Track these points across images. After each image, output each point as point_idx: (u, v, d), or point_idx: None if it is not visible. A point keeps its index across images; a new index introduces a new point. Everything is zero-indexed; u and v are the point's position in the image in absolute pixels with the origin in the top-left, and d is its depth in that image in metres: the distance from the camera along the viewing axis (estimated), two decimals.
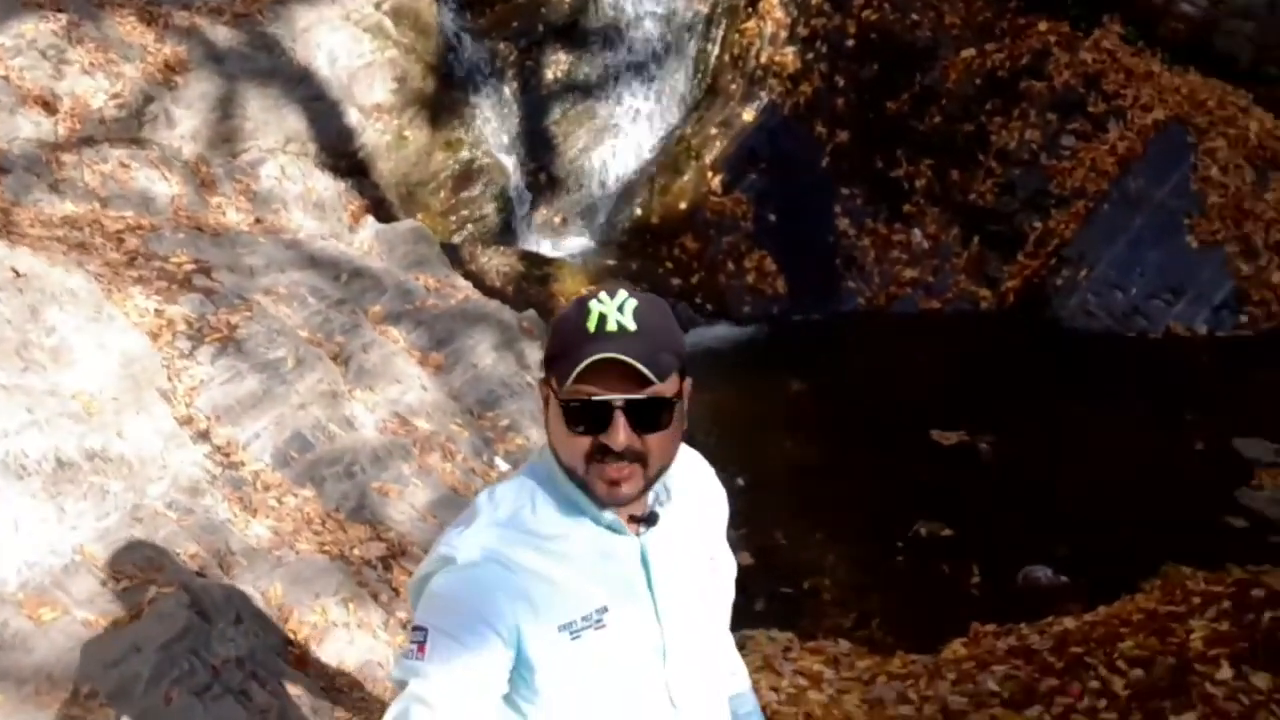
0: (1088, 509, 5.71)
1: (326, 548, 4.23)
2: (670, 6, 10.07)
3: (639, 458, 1.61)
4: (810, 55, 9.71)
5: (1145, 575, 5.01)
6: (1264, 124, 8.60)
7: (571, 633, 1.62)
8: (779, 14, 9.90)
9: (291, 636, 3.55)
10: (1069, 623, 4.62)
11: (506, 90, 9.60)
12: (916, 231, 9.11)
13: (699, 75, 10.09)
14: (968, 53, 9.36)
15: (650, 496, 1.71)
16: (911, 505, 5.68)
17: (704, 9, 10.12)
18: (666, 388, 1.60)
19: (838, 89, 9.58)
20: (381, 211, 7.87)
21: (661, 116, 10.01)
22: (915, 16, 9.51)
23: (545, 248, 9.26)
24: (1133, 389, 7.43)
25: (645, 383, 1.57)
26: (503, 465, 5.38)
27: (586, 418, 1.59)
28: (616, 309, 1.58)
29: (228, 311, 5.13)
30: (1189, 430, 6.63)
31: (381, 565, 4.32)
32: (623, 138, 9.90)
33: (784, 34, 9.87)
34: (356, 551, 4.32)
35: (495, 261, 8.14)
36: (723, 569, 1.83)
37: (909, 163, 9.29)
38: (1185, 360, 7.77)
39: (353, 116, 8.13)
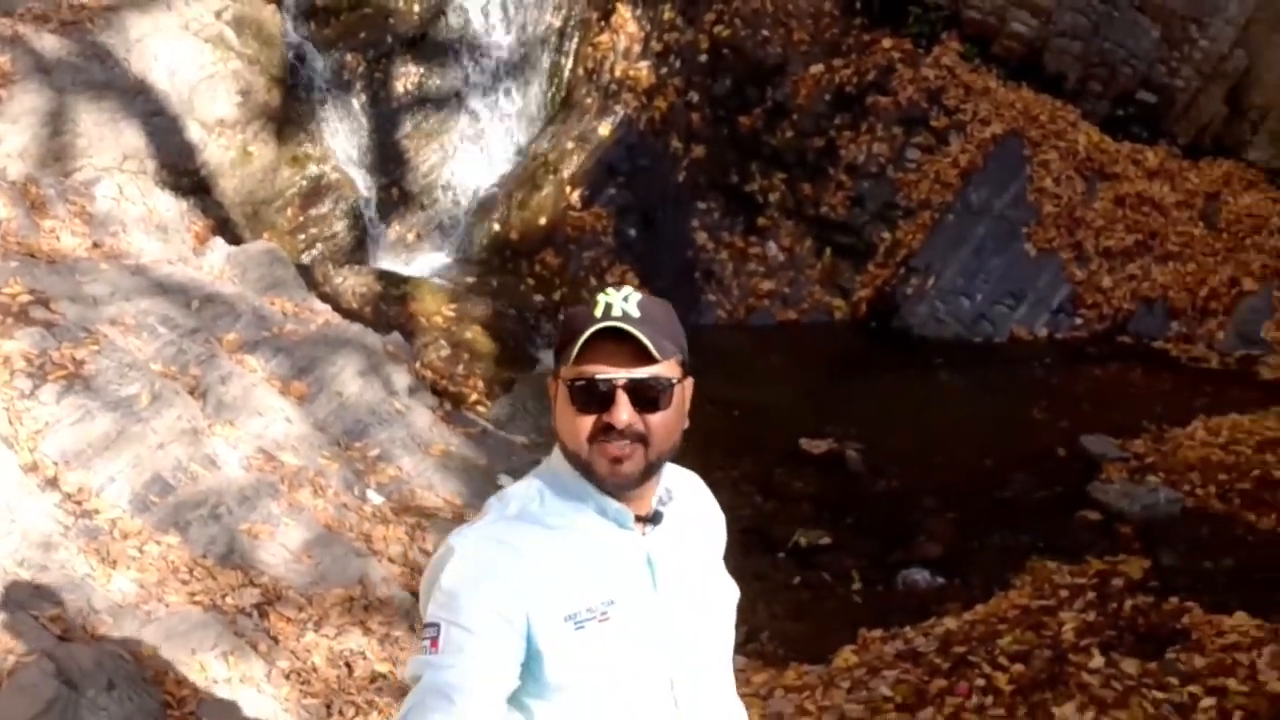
0: (954, 509, 5.91)
1: (197, 598, 3.98)
2: (522, 20, 9.98)
3: (640, 438, 1.67)
4: (664, 70, 9.78)
5: (1015, 572, 5.22)
6: (1091, 138, 9.12)
7: (576, 623, 1.65)
8: (632, 28, 9.93)
9: (170, 699, 3.31)
10: (950, 623, 4.76)
11: (355, 103, 9.31)
12: (772, 244, 9.28)
13: (553, 89, 10.03)
14: (817, 68, 9.61)
15: (654, 498, 1.75)
16: (788, 515, 5.76)
17: (556, 22, 10.07)
18: (666, 369, 1.67)
19: (692, 104, 9.68)
20: (226, 232, 7.50)
21: (516, 130, 9.90)
22: (766, 33, 9.70)
23: (399, 265, 9.01)
24: (983, 391, 7.76)
25: (646, 360, 1.64)
26: (375, 498, 5.20)
27: (590, 396, 1.65)
28: (622, 299, 1.68)
29: (72, 346, 4.77)
30: (1039, 429, 6.95)
31: (258, 613, 4.09)
32: (477, 152, 9.74)
33: (637, 48, 9.90)
34: (230, 600, 4.08)
35: (351, 282, 7.87)
36: (724, 591, 1.85)
37: (763, 176, 9.46)
38: (1029, 362, 8.16)
39: (194, 132, 7.74)
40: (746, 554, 5.42)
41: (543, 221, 9.24)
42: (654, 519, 1.74)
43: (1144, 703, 4.28)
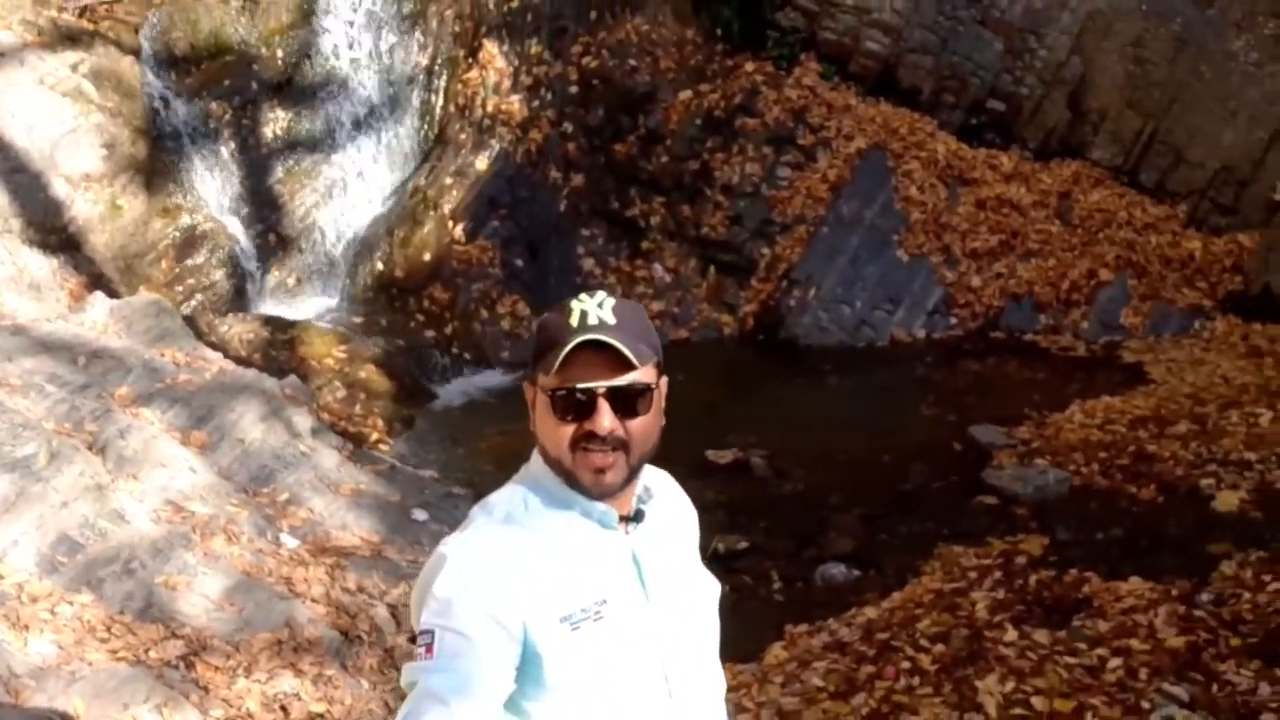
0: (861, 504, 6.12)
1: (120, 655, 3.84)
2: (388, 60, 9.96)
3: (621, 445, 1.70)
4: (536, 103, 9.88)
5: (924, 558, 5.43)
6: (948, 146, 9.59)
7: (571, 624, 1.67)
8: (500, 64, 10.01)
9: None
10: (870, 612, 4.93)
11: (224, 150, 9.13)
12: (658, 266, 9.45)
13: (426, 126, 10.03)
14: (685, 95, 9.86)
15: (634, 497, 1.78)
16: (704, 524, 5.80)
17: (424, 61, 10.09)
18: (645, 375, 1.70)
19: (567, 134, 9.81)
20: (102, 287, 7.28)
21: (392, 169, 9.85)
22: (633, 62, 9.91)
23: (283, 311, 8.84)
24: (872, 392, 8.04)
25: (625, 368, 1.67)
26: (290, 542, 5.10)
27: (572, 405, 1.67)
28: (596, 305, 1.69)
29: None
30: (929, 423, 7.25)
31: (184, 664, 3.97)
32: (352, 193, 9.66)
33: (507, 83, 9.99)
34: (153, 654, 3.95)
35: (237, 329, 7.70)
36: (706, 584, 1.89)
37: (643, 201, 9.64)
38: (912, 362, 8.50)
39: (60, 188, 7.49)
40: None
41: (427, 257, 9.20)
42: (636, 517, 1.78)
43: (1058, 669, 4.51)
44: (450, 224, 9.36)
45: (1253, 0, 8.96)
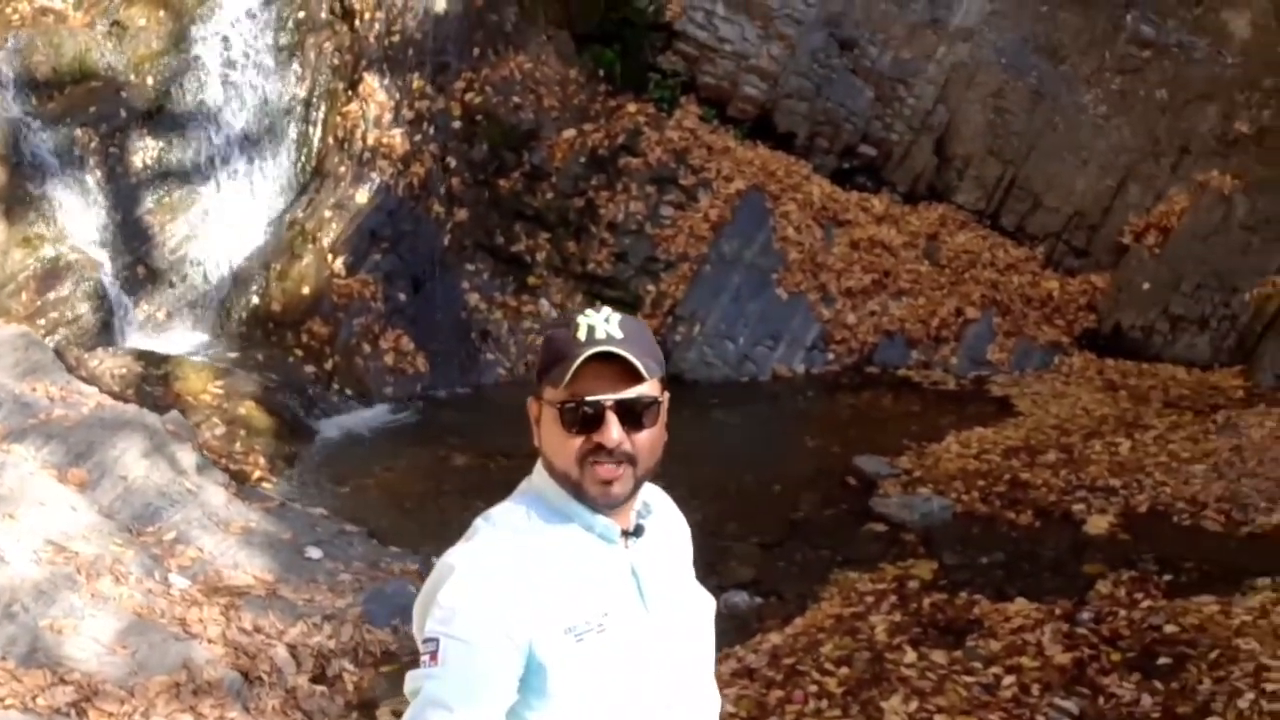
0: (756, 534, 6.22)
1: (7, 703, 3.61)
2: (263, 91, 9.77)
3: (628, 457, 1.72)
4: (418, 137, 9.81)
5: (822, 585, 5.57)
6: (823, 189, 9.93)
7: (576, 635, 1.68)
8: (381, 97, 9.91)
9: None
10: (775, 638, 5.02)
11: (90, 179, 8.78)
12: (544, 301, 9.46)
13: (302, 158, 9.83)
14: (569, 133, 9.95)
15: (634, 512, 1.80)
16: None
17: (300, 93, 9.92)
18: (652, 388, 1.74)
19: (450, 169, 9.76)
20: None
21: (267, 202, 9.61)
22: (517, 99, 9.96)
23: (153, 345, 8.49)
24: (759, 426, 8.21)
25: (633, 381, 1.70)
26: (180, 582, 4.89)
27: (580, 418, 1.69)
28: (603, 320, 1.72)
29: None
30: (815, 455, 7.44)
31: (75, 711, 3.76)
32: (226, 225, 9.38)
33: (388, 116, 9.89)
34: (41, 701, 3.73)
35: (108, 364, 7.36)
36: (701, 599, 1.91)
37: (528, 237, 9.65)
38: (794, 396, 8.72)
39: None
40: None
41: (306, 291, 8.98)
42: (636, 532, 1.79)
43: (957, 688, 4.69)
44: (330, 257, 9.17)
45: (1100, 58, 9.61)
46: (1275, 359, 8.82)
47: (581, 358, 1.67)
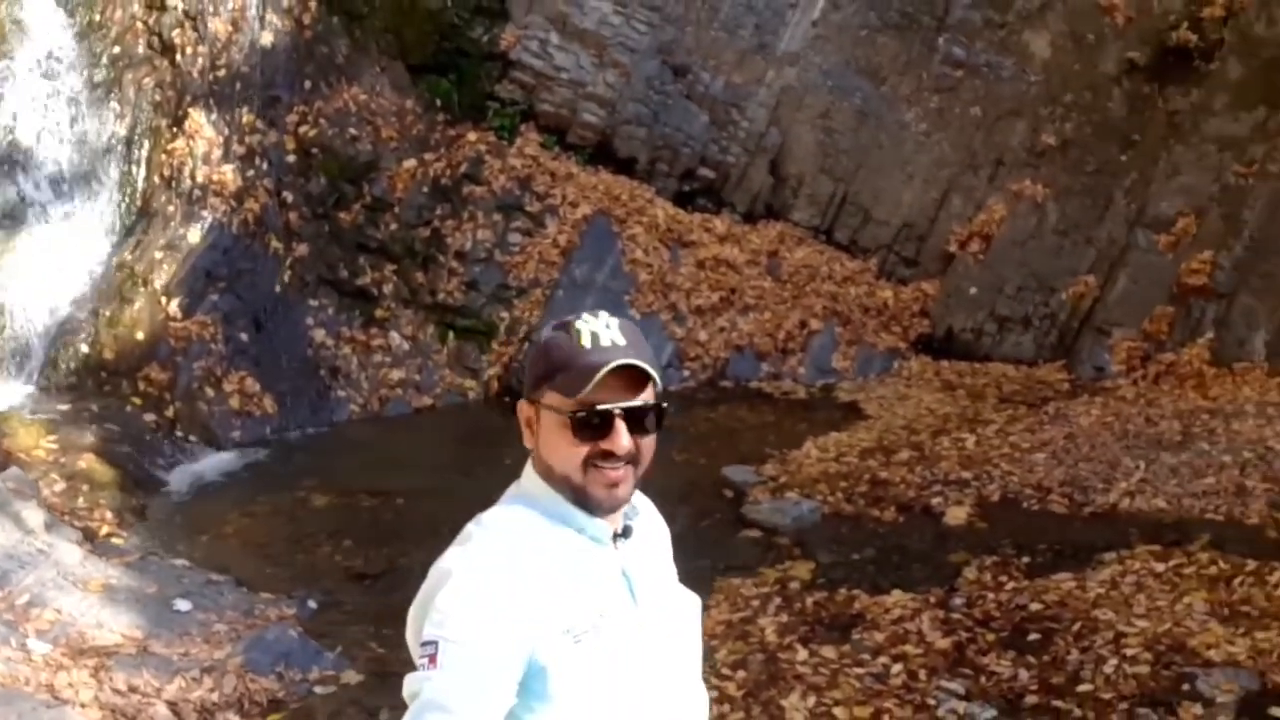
0: None
1: None
2: (80, 131, 9.30)
3: (632, 460, 1.73)
4: (251, 172, 9.50)
5: (708, 592, 5.62)
6: (667, 212, 10.13)
7: (574, 637, 1.68)
8: (209, 133, 9.56)
9: None
10: None
11: None
12: (394, 334, 9.28)
13: (126, 199, 9.40)
14: (410, 163, 9.83)
15: (621, 515, 1.80)
16: None
17: (121, 131, 9.50)
18: (653, 393, 1.75)
19: (287, 204, 9.49)
20: None
21: (90, 245, 9.12)
22: (353, 131, 9.78)
23: None
24: None
25: (641, 387, 1.72)
26: (41, 647, 4.56)
27: (591, 426, 1.69)
28: (604, 326, 1.72)
29: None
30: (683, 467, 7.53)
31: None
32: (46, 271, 8.85)
33: (218, 152, 9.54)
34: None
35: None
36: (687, 597, 1.93)
37: (374, 269, 9.47)
38: None
39: None
40: None
41: (140, 336, 8.55)
42: (625, 533, 1.81)
43: (850, 680, 4.84)
44: (164, 300, 8.76)
45: (918, 78, 10.17)
46: (1092, 352, 9.49)
47: (603, 371, 1.67)
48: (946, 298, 10.02)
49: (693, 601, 1.94)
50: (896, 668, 4.93)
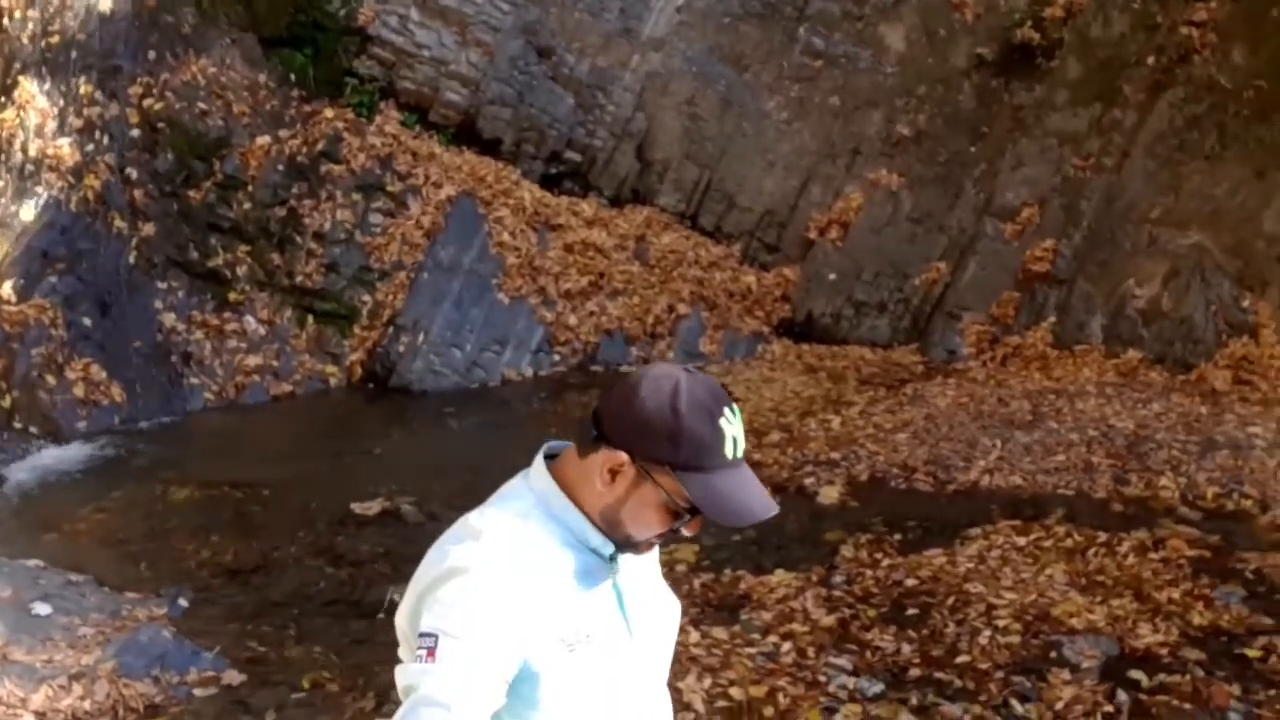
0: None
1: None
2: None
3: None
4: (91, 147, 8.94)
5: None
6: (533, 194, 10.03)
7: (568, 645, 1.68)
8: (41, 104, 8.95)
9: None
10: None
11: None
12: (250, 318, 8.90)
13: None
14: (264, 140, 9.43)
15: None
16: (369, 578, 5.62)
17: None
18: None
19: (132, 181, 8.97)
20: None
21: None
22: (203, 105, 9.31)
23: None
24: (497, 430, 8.15)
25: None
26: None
27: (685, 514, 1.69)
28: (740, 431, 1.69)
29: None
30: None
31: None
32: None
33: (53, 125, 8.94)
34: None
35: None
36: (670, 604, 1.91)
37: (226, 250, 9.06)
38: (527, 399, 8.77)
39: None
40: (343, 624, 5.22)
41: None
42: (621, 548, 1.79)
43: (743, 660, 4.92)
44: None
45: (780, 67, 10.37)
46: (944, 336, 9.91)
47: (742, 505, 1.67)
48: (807, 283, 10.27)
49: (675, 607, 1.94)
50: (786, 646, 5.02)
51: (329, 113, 9.80)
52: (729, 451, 1.67)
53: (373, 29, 10.08)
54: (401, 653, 1.75)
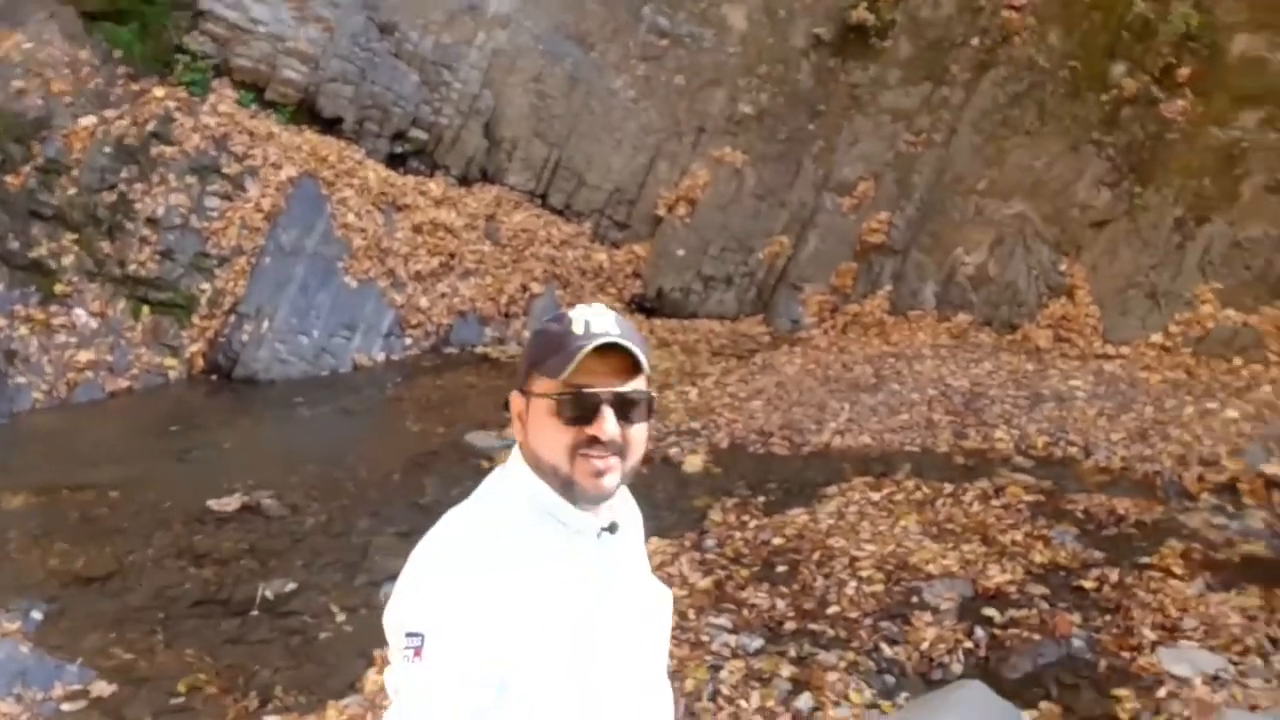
0: (391, 524, 6.06)
1: None
2: None
3: (619, 450, 1.69)
4: None
5: None
6: (379, 174, 9.82)
7: (549, 633, 1.66)
8: None
9: None
10: None
11: None
12: (79, 311, 8.42)
13: None
14: (88, 121, 8.92)
15: (607, 510, 1.76)
16: (236, 576, 5.41)
17: None
18: (644, 382, 1.71)
19: None
20: None
21: None
22: (19, 84, 8.73)
23: None
24: (352, 417, 7.98)
25: (631, 374, 1.68)
26: None
27: (577, 409, 1.65)
28: (598, 315, 1.68)
29: None
30: (421, 438, 7.41)
31: None
32: None
33: None
34: None
35: None
36: (660, 591, 1.91)
37: (50, 239, 8.53)
38: (381, 384, 8.59)
39: None
40: (214, 624, 5.04)
41: None
42: (611, 529, 1.77)
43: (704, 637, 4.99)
44: None
45: (626, 46, 10.44)
46: (787, 306, 10.24)
47: (587, 348, 1.63)
48: (656, 259, 10.43)
49: (665, 596, 1.93)
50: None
51: (159, 91, 9.34)
52: (579, 329, 1.67)
53: (204, 3, 9.66)
54: (391, 654, 1.71)
